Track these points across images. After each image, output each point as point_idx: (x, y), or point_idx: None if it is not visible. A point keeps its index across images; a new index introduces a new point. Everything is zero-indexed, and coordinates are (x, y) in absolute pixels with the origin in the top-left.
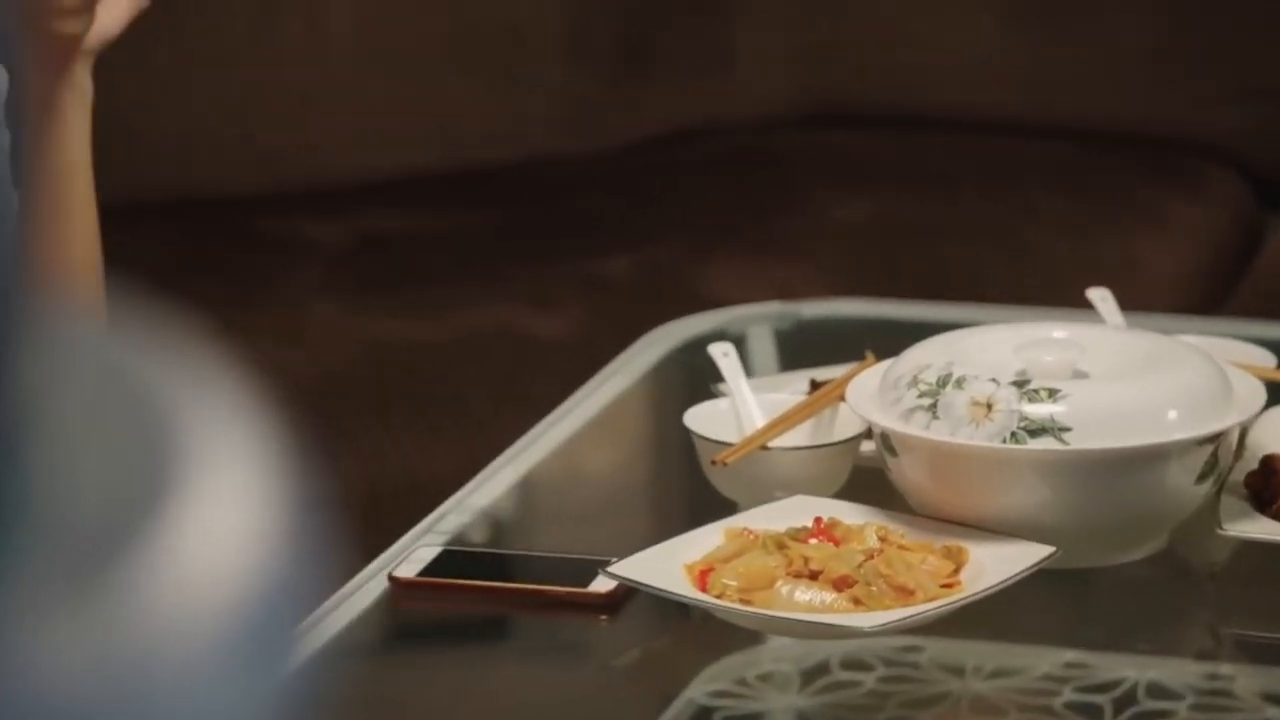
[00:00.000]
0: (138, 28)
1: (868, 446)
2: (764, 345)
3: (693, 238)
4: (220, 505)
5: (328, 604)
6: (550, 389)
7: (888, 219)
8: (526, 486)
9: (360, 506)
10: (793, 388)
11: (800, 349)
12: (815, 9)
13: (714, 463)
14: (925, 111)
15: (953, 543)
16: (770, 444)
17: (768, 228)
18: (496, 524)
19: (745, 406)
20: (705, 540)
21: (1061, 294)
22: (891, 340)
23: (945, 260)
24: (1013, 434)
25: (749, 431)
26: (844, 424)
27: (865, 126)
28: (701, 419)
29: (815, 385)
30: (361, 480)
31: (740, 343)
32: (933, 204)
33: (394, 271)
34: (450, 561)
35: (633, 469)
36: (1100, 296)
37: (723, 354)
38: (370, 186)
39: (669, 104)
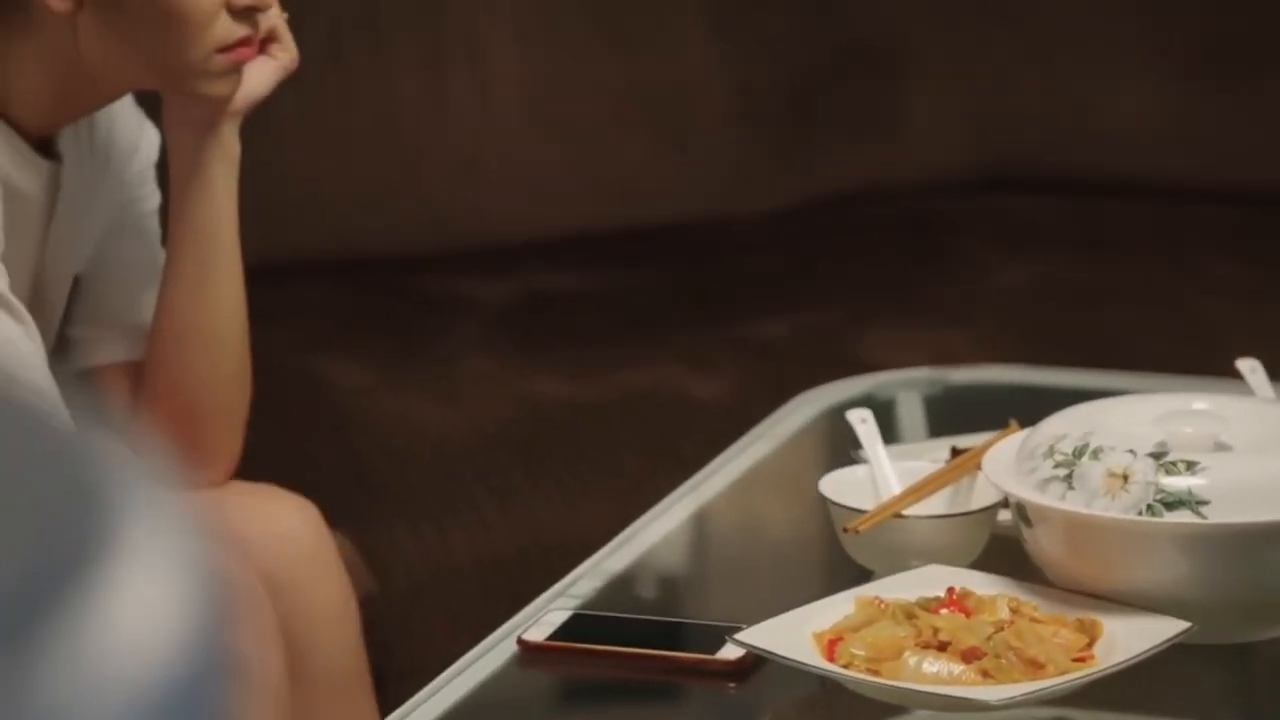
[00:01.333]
0: (308, 88)
1: (1005, 516)
2: (912, 411)
3: (853, 301)
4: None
5: (457, 665)
6: (702, 450)
7: (1052, 284)
8: (661, 550)
9: (508, 566)
10: (934, 455)
11: (948, 415)
12: (985, 73)
13: (847, 530)
14: (1093, 175)
15: (1087, 615)
16: (905, 512)
17: (929, 292)
18: (630, 588)
19: (882, 473)
20: (836, 608)
21: (1227, 363)
22: (1040, 408)
23: (1110, 327)
24: (1149, 506)
25: (885, 499)
26: (981, 493)
27: (1033, 191)
28: (838, 485)
29: (956, 453)
30: (510, 539)
31: (889, 408)
32: (1099, 269)
33: (554, 330)
34: (580, 626)
35: (769, 534)
36: (1250, 368)
37: (860, 420)
38: (536, 246)
39: (836, 167)
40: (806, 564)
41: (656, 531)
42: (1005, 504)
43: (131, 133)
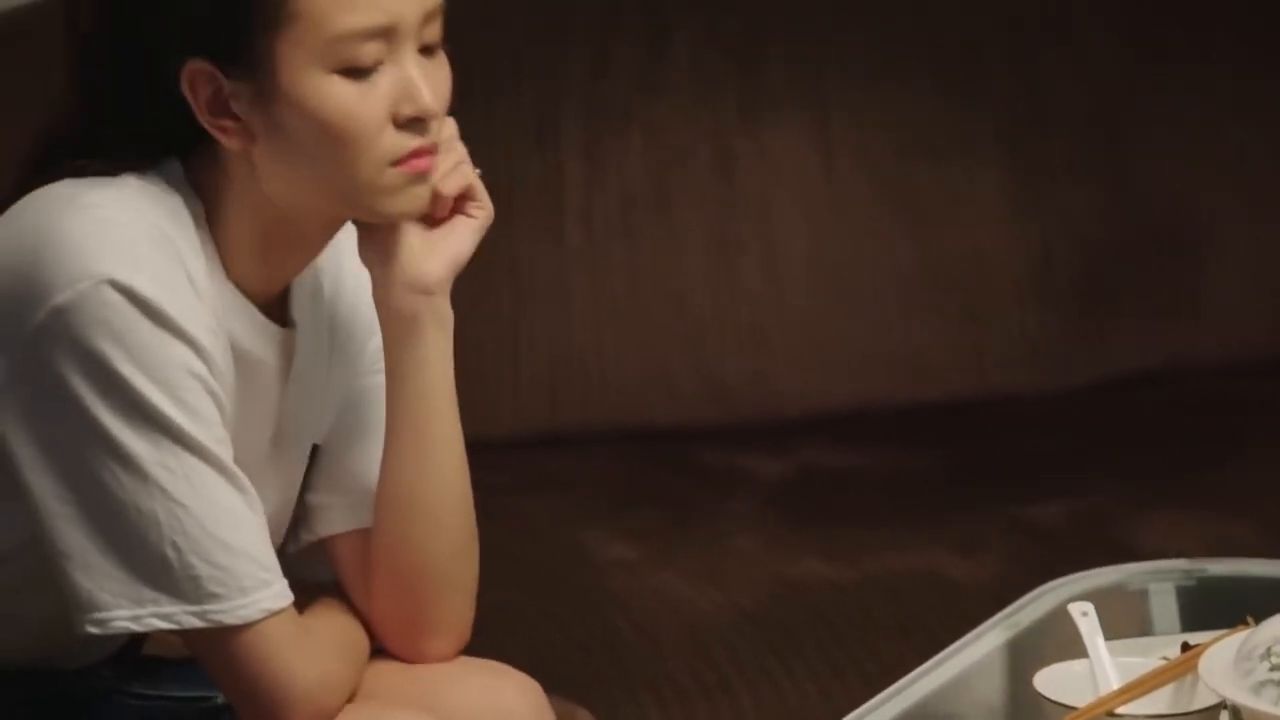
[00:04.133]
0: (598, 262)
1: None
2: (1165, 603)
3: (1133, 485)
4: None
5: None
6: (959, 635)
7: None
8: None
9: None
10: (1166, 651)
11: (1198, 608)
12: None
13: None
14: None
15: None
16: (1120, 710)
17: (1215, 477)
18: None
19: (1101, 669)
20: None
21: None
22: None
23: None
24: None
25: (1103, 694)
26: (1203, 693)
27: None
28: (1055, 680)
29: (1186, 649)
30: None
31: (1140, 599)
32: None
33: (824, 508)
34: None
35: None
36: None
37: (1081, 613)
38: (819, 421)
39: (1132, 346)
40: None
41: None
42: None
43: (372, 313)
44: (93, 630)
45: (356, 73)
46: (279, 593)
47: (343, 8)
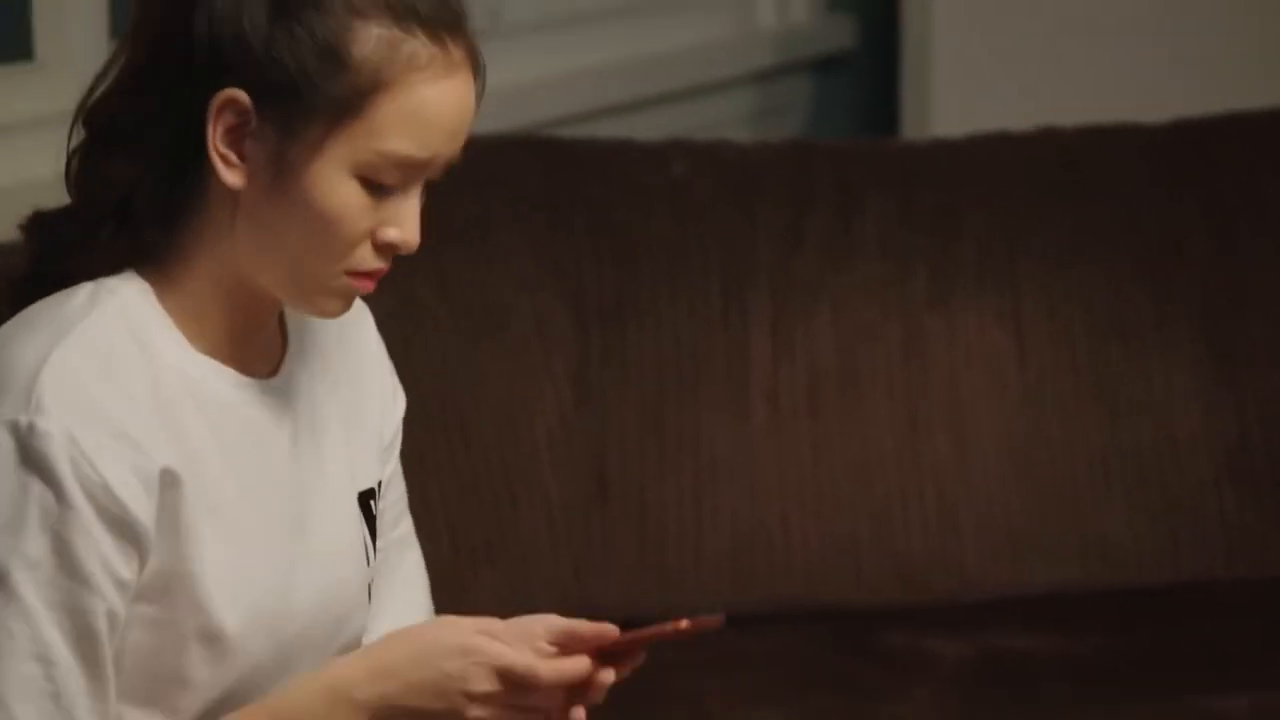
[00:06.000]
0: (785, 439)
1: None
2: None
3: None
4: None
5: None
6: None
7: None
8: None
9: None
10: None
11: None
12: None
13: None
14: None
15: None
16: None
17: None
18: None
19: None
20: None
21: None
22: None
23: None
24: None
25: None
26: None
27: None
28: None
29: None
30: None
31: None
32: None
33: (1007, 693)
34: None
35: None
36: None
37: None
38: (1006, 604)
39: None
40: None
41: None
42: None
43: (385, 379)
44: None
45: (374, 186)
46: None
47: (404, 133)
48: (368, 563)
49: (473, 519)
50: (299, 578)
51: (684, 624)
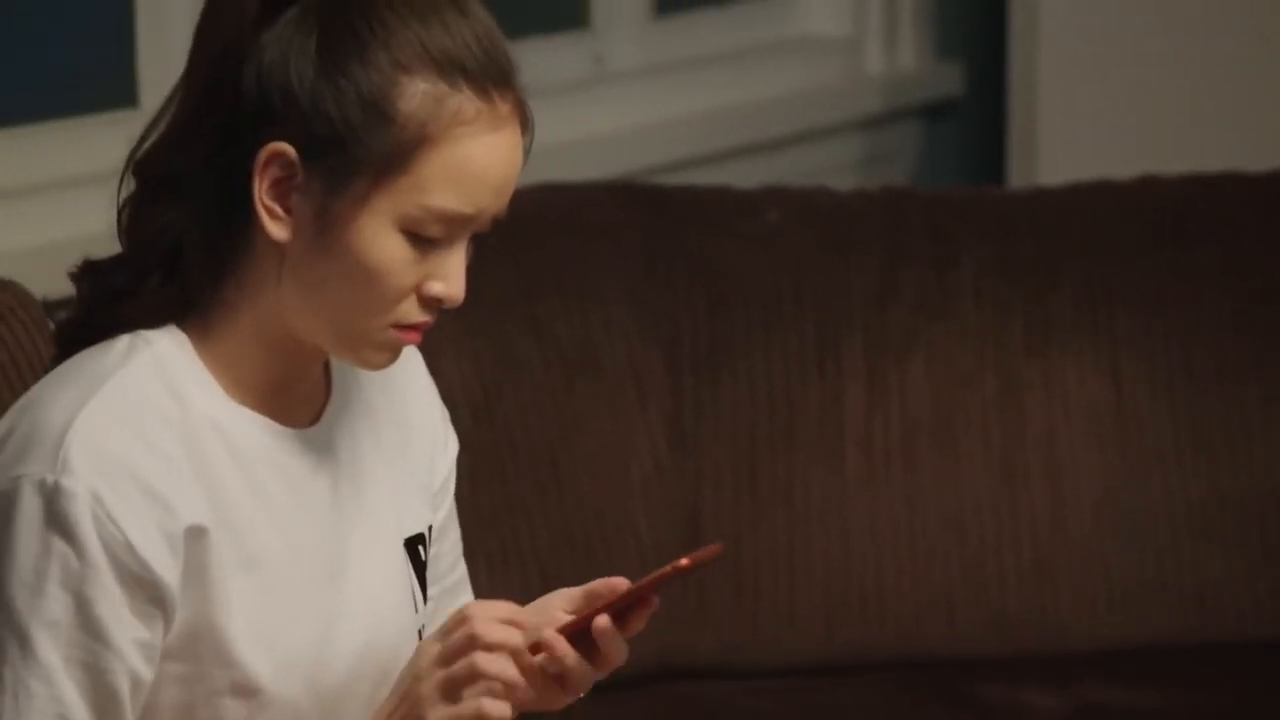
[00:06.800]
0: (879, 487)
1: None
2: None
3: None
4: None
5: None
6: None
7: None
8: None
9: None
10: None
11: None
12: None
13: None
14: None
15: None
16: None
17: None
18: None
19: None
20: None
21: None
22: None
23: None
24: None
25: None
26: None
27: None
28: None
29: None
30: None
31: None
32: None
33: None
34: None
35: None
36: None
37: None
38: (1102, 656)
39: None
40: None
41: None
42: None
43: (436, 424)
44: None
45: (419, 240)
46: None
47: (449, 188)
48: (415, 609)
49: (565, 565)
50: (338, 627)
51: (684, 561)
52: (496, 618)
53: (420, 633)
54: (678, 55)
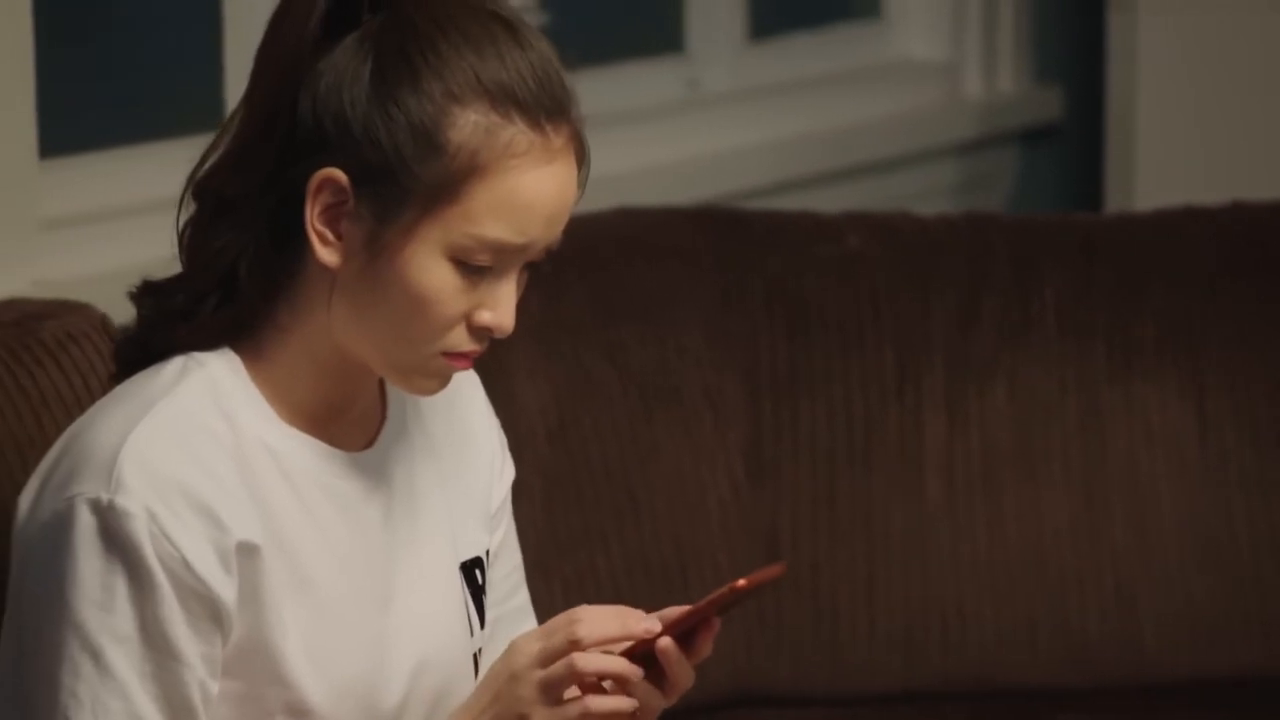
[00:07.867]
0: (960, 515)
1: None
2: None
3: None
4: None
5: None
6: None
7: None
8: None
9: None
10: None
11: None
12: None
13: None
14: None
15: None
16: None
17: None
18: None
19: None
20: None
21: None
22: None
23: None
24: None
25: None
26: None
27: None
28: None
29: None
30: None
31: None
32: None
33: None
34: None
35: None
36: None
37: None
38: (1184, 687)
39: None
40: None
41: None
42: None
43: (494, 448)
44: None
45: (469, 269)
46: None
47: (499, 219)
48: (471, 633)
49: (642, 592)
50: (391, 651)
51: (741, 582)
52: (606, 618)
53: (476, 657)
54: (773, 79)
